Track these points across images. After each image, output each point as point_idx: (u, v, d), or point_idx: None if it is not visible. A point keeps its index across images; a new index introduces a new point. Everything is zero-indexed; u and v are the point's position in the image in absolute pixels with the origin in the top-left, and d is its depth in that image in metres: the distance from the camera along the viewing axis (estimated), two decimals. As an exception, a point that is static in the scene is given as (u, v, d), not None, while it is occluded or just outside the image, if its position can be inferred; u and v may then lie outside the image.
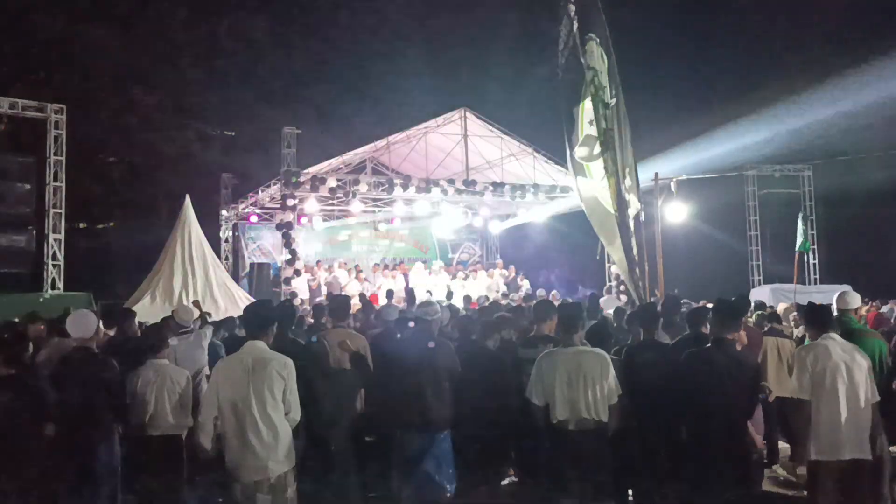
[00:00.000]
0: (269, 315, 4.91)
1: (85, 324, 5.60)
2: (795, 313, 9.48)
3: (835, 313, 6.59)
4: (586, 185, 11.41)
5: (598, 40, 10.84)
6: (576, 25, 10.76)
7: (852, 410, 4.76)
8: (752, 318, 8.59)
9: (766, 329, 8.18)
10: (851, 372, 4.82)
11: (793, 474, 7.58)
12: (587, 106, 10.87)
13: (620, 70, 11.06)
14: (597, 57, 10.79)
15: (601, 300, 11.59)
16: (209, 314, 9.73)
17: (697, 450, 5.15)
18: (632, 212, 10.72)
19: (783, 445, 8.16)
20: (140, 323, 8.10)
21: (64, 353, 5.92)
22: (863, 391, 4.82)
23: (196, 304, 9.54)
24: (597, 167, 10.95)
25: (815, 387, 4.84)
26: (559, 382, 5.11)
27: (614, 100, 10.67)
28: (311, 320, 8.62)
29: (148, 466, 5.59)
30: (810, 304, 5.65)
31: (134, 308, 10.20)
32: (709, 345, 5.31)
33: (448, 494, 5.75)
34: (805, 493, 5.46)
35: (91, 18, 25.88)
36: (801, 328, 8.43)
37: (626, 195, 10.49)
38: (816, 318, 5.22)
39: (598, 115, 10.56)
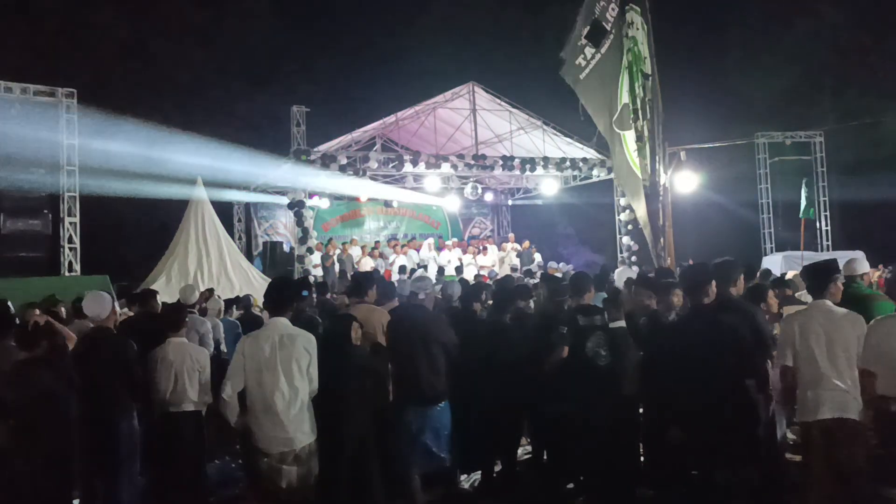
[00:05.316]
0: (291, 292, 5.06)
1: (101, 304, 5.64)
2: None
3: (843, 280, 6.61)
4: (620, 153, 11.46)
5: (638, 9, 10.88)
6: None
7: (831, 375, 4.78)
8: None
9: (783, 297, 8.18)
10: (831, 338, 4.82)
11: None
12: (625, 76, 10.95)
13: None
14: (637, 25, 10.84)
15: (616, 271, 11.64)
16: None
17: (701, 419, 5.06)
18: (661, 182, 10.88)
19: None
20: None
21: (83, 332, 6.02)
22: (843, 357, 4.82)
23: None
24: (630, 136, 11.02)
25: (797, 354, 4.90)
26: None
27: (651, 71, 10.79)
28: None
29: (169, 443, 5.68)
30: (813, 267, 5.62)
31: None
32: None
33: (447, 464, 5.82)
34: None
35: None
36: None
37: (658, 164, 10.61)
38: (817, 279, 5.22)
39: (635, 85, 10.64)
